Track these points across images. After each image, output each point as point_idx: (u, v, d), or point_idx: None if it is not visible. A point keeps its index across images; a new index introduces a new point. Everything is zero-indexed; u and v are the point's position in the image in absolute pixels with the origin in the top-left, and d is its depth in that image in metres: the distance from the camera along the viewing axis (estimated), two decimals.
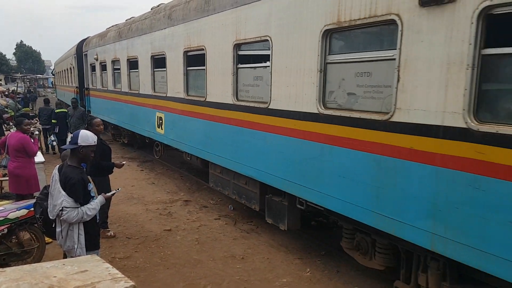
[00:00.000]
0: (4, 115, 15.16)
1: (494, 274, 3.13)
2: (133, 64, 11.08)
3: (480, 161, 3.12)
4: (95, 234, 4.00)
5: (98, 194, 4.09)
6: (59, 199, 3.68)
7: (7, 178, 6.98)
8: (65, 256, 4.07)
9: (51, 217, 3.88)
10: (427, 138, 3.51)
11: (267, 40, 5.51)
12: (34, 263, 4.02)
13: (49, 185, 4.05)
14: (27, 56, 75.12)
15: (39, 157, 7.26)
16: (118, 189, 4.41)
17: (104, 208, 4.34)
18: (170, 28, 8.61)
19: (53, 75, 40.33)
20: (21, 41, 77.21)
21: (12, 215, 4.86)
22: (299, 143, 5.06)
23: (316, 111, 4.74)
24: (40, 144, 11.00)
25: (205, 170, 8.19)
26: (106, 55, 13.60)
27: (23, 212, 4.94)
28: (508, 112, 3.17)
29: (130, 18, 12.59)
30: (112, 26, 14.21)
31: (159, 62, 9.34)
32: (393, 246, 4.40)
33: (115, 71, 12.87)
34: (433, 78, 3.43)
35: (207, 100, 7.23)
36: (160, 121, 9.38)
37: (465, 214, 3.27)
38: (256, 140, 5.92)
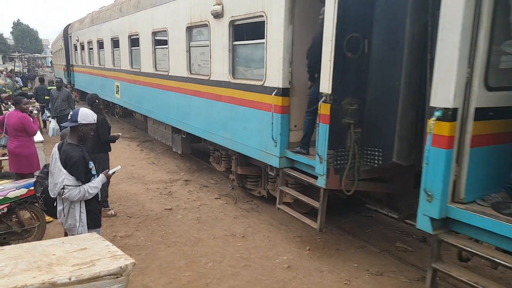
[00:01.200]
0: (2, 94, 15.55)
1: (239, 151, 6.39)
2: (101, 44, 14.16)
3: (233, 97, 6.31)
4: (96, 212, 3.95)
5: (98, 172, 4.07)
6: (60, 177, 3.63)
7: (6, 157, 6.94)
8: (66, 235, 4.01)
9: (52, 196, 3.84)
10: (218, 87, 6.68)
11: (165, 30, 8.58)
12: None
13: (49, 163, 3.98)
14: (24, 35, 76.82)
15: (38, 136, 7.26)
16: (118, 167, 4.29)
17: (104, 187, 4.51)
18: (121, 18, 11.64)
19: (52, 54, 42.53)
20: (18, 20, 78.89)
21: (11, 194, 4.83)
22: (180, 96, 8.22)
23: (186, 76, 7.87)
24: (39, 123, 11.00)
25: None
26: (84, 37, 16.63)
27: (23, 191, 4.91)
28: (239, 73, 6.33)
29: (102, 7, 15.50)
30: (89, 13, 17.15)
31: (116, 43, 12.41)
32: (228, 155, 7.61)
33: (90, 50, 15.95)
34: (219, 56, 6.55)
35: (141, 71, 10.35)
36: (117, 89, 12.52)
37: (230, 124, 6.50)
38: (165, 97, 9.07)
